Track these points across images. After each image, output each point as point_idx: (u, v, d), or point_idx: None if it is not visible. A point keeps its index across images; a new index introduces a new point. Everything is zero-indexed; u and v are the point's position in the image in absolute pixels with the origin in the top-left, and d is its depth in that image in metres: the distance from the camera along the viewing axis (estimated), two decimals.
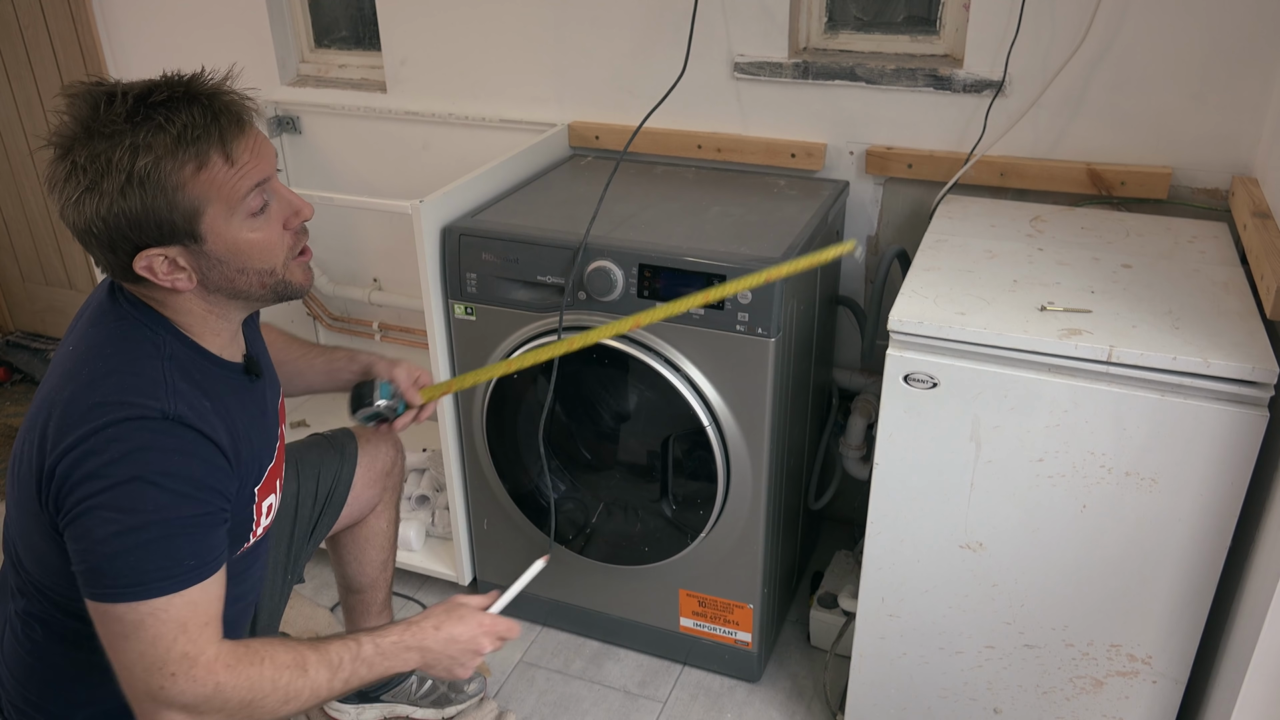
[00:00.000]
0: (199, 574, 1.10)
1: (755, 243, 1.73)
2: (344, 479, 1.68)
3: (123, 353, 1.13)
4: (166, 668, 1.07)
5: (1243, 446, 1.34)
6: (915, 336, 1.47)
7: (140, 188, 1.05)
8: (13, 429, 3.01)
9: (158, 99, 1.06)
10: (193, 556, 1.09)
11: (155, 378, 1.11)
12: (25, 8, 2.81)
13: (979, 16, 1.89)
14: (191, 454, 1.10)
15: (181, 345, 1.17)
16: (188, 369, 1.16)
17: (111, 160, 1.03)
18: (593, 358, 1.78)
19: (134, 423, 1.07)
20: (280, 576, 1.60)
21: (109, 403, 1.07)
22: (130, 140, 1.03)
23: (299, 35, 2.61)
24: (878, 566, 1.64)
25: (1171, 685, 1.53)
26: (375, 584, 1.83)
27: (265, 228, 1.16)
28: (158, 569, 1.06)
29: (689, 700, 1.99)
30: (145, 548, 1.06)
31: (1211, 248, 1.68)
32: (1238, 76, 1.76)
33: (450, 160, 2.45)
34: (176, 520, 1.07)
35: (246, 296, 1.19)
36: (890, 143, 2.05)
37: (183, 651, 1.08)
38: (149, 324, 1.16)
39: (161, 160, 1.04)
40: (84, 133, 1.04)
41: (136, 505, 1.05)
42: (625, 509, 1.93)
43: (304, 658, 1.17)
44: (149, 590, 1.06)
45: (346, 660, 1.20)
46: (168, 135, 1.05)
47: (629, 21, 2.15)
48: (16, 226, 3.22)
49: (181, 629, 1.08)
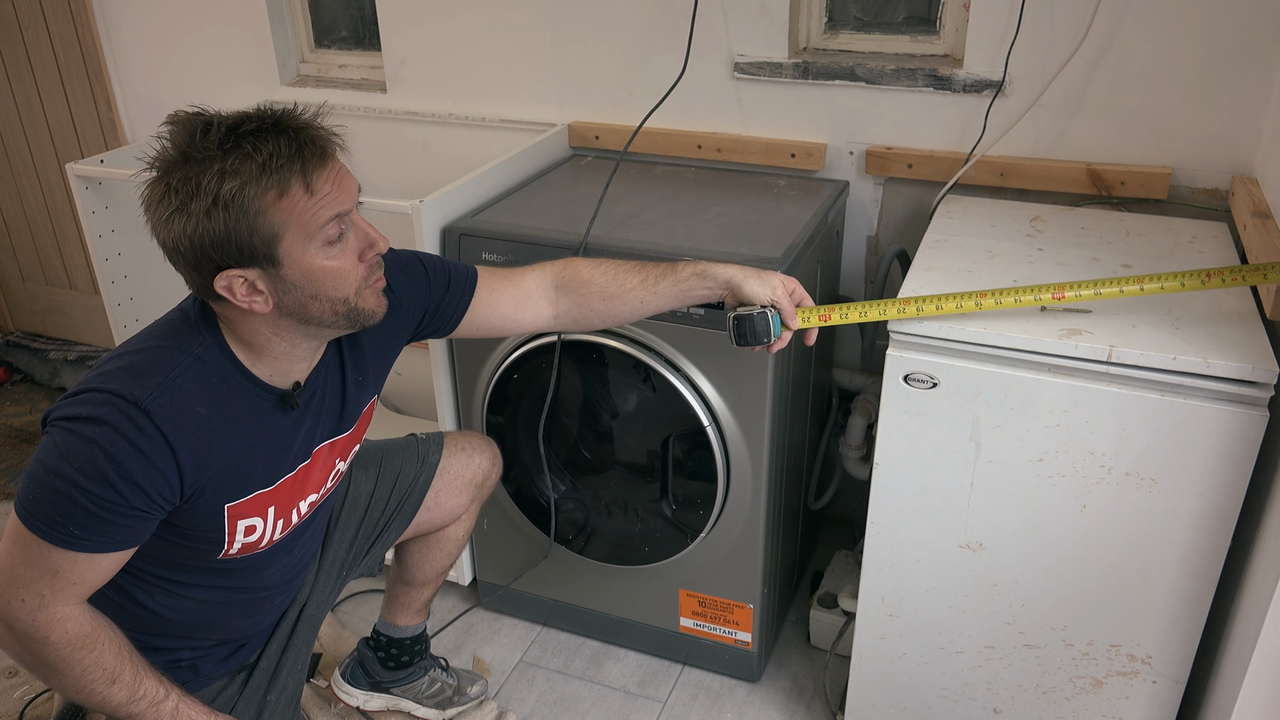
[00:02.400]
0: (78, 544, 1.14)
1: (755, 243, 1.73)
2: (419, 489, 1.66)
3: (158, 341, 1.20)
4: (20, 592, 1.15)
5: (1243, 446, 1.34)
6: (915, 336, 1.47)
7: (225, 210, 1.10)
8: (13, 429, 3.01)
9: (248, 129, 1.11)
10: (80, 528, 1.13)
11: (164, 369, 1.17)
12: (25, 8, 2.81)
13: (979, 16, 1.89)
14: (138, 448, 1.13)
15: (220, 355, 1.21)
16: (209, 376, 1.20)
17: (200, 184, 1.09)
18: (593, 357, 1.78)
19: (110, 396, 1.13)
20: (336, 571, 1.60)
21: (111, 374, 1.15)
22: (219, 166, 1.09)
23: (299, 35, 2.61)
24: (878, 566, 1.64)
25: (1171, 685, 1.53)
26: (429, 584, 1.81)
27: (340, 257, 1.19)
28: (46, 515, 1.13)
29: (689, 700, 1.99)
30: (50, 491, 1.12)
31: (1211, 248, 1.68)
32: (1237, 76, 1.76)
33: (450, 160, 2.45)
34: (84, 490, 1.11)
35: (319, 323, 1.22)
36: (890, 143, 2.05)
37: (40, 591, 1.15)
38: (204, 328, 1.21)
39: (246, 186, 1.09)
40: (180, 158, 1.11)
41: (66, 455, 1.11)
42: (625, 509, 1.93)
43: (120, 672, 1.23)
44: (34, 523, 1.13)
45: (148, 699, 1.25)
46: (254, 163, 1.09)
47: (629, 21, 2.15)
48: (16, 226, 3.22)
49: (53, 573, 1.15)
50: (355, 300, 1.22)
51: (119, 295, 2.30)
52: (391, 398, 2.86)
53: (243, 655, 1.44)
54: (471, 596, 2.27)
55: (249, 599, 1.40)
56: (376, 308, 1.26)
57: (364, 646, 1.88)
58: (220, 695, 1.43)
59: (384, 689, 1.88)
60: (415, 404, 2.83)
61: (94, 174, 2.16)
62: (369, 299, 1.25)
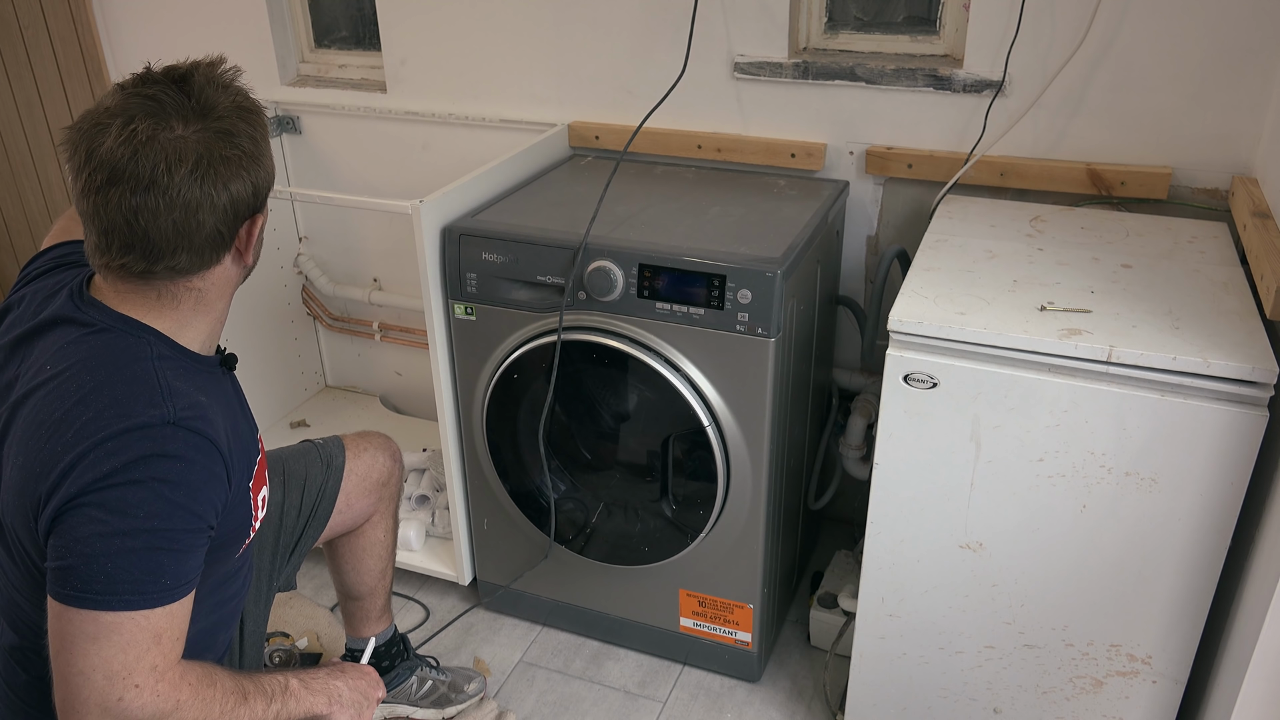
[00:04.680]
0: (172, 595, 1.06)
1: (755, 243, 1.73)
2: (329, 493, 1.65)
3: (108, 364, 1.09)
4: (133, 678, 1.03)
5: (1243, 446, 1.34)
6: (915, 336, 1.48)
7: (260, 163, 1.14)
8: None
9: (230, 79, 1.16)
10: (171, 576, 1.06)
11: (149, 383, 1.08)
12: (25, 8, 2.81)
13: (979, 16, 1.89)
14: (193, 461, 1.07)
15: (165, 346, 1.14)
16: (176, 367, 1.13)
17: (248, 134, 1.13)
18: (593, 357, 1.79)
19: (135, 433, 1.04)
20: (265, 585, 1.59)
21: (105, 416, 1.04)
22: (240, 121, 1.13)
23: (299, 35, 2.61)
24: (878, 566, 1.64)
25: (1171, 685, 1.53)
26: (374, 591, 1.81)
27: None
28: (132, 581, 1.03)
29: (689, 700, 1.99)
30: (128, 555, 1.02)
31: (1211, 248, 1.68)
32: (1237, 76, 1.76)
33: (450, 160, 2.45)
34: (165, 532, 1.04)
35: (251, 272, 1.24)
36: (890, 143, 2.05)
37: (152, 664, 1.05)
38: (127, 329, 1.12)
39: (266, 138, 1.17)
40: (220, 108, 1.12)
41: (128, 508, 1.02)
42: (625, 509, 1.93)
43: (244, 686, 1.18)
44: (120, 601, 1.03)
45: (277, 692, 1.23)
46: (263, 118, 1.18)
47: (629, 22, 2.15)
48: (16, 226, 3.22)
49: (156, 640, 1.05)
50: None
51: None
52: (392, 398, 2.86)
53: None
54: (471, 596, 2.28)
55: (233, 607, 1.38)
56: None
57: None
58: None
59: None
60: (415, 404, 2.83)
61: None
62: None
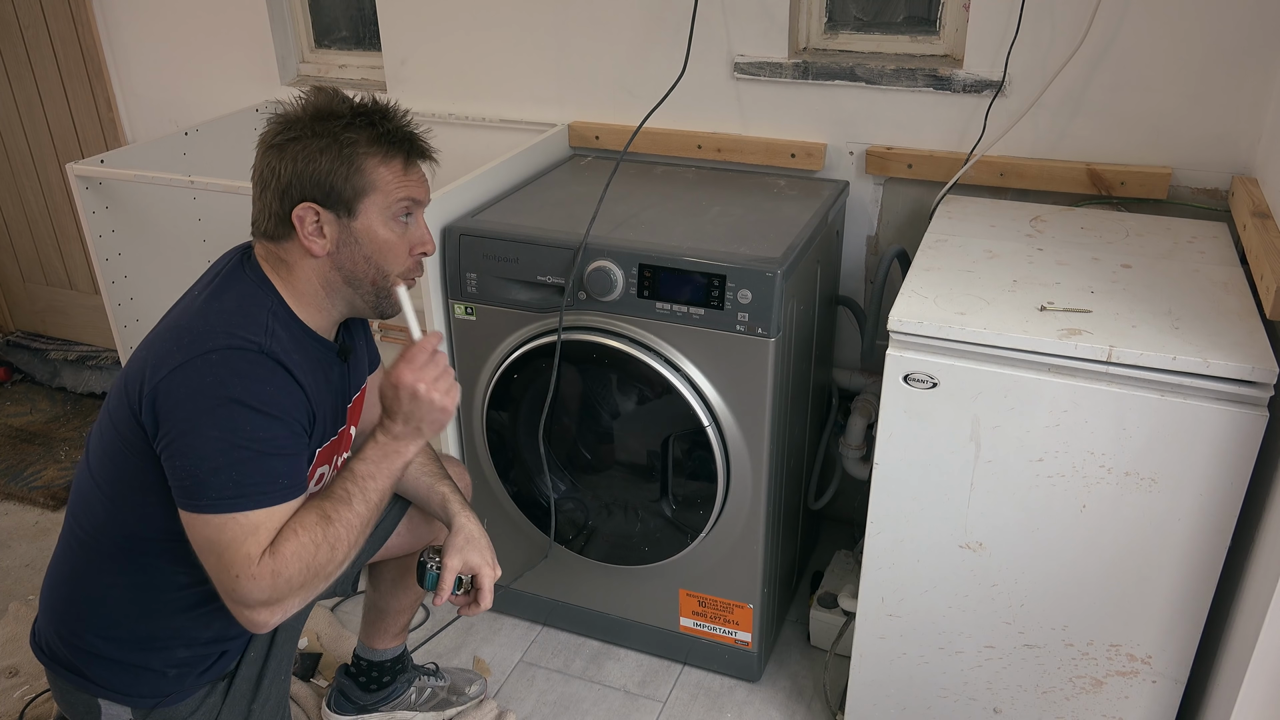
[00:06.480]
0: (291, 492, 1.23)
1: (755, 243, 1.73)
2: (391, 516, 1.67)
3: (238, 299, 1.29)
4: (233, 569, 1.19)
5: (1242, 446, 1.34)
6: (915, 336, 1.47)
7: (336, 153, 1.26)
8: (12, 429, 3.01)
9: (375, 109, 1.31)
10: (286, 475, 1.22)
11: (260, 321, 1.27)
12: (25, 8, 2.81)
13: (979, 16, 1.89)
14: (280, 386, 1.24)
15: (284, 310, 1.32)
16: (288, 327, 1.31)
17: (326, 128, 1.27)
18: (593, 357, 1.79)
19: (234, 351, 1.21)
20: None
21: (216, 331, 1.23)
22: (346, 122, 1.27)
23: (299, 35, 2.61)
24: (878, 566, 1.64)
25: (1171, 685, 1.53)
26: (404, 610, 1.83)
27: (401, 237, 1.33)
28: (255, 485, 1.19)
29: (689, 700, 1.99)
30: (243, 464, 1.19)
31: (1211, 248, 1.68)
32: (1237, 77, 1.76)
33: (450, 160, 2.43)
34: (270, 440, 1.21)
35: (357, 287, 1.33)
36: (890, 143, 2.05)
37: (247, 553, 1.19)
38: (263, 288, 1.32)
39: (359, 143, 1.27)
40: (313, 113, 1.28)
41: (237, 425, 1.19)
42: (625, 509, 1.93)
43: (320, 509, 1.26)
44: (247, 502, 1.19)
45: (353, 489, 1.28)
46: (373, 131, 1.28)
47: (629, 22, 2.15)
48: (17, 226, 3.22)
49: (253, 531, 1.19)
50: (391, 284, 1.34)
51: (119, 295, 2.30)
52: None
53: (222, 664, 1.44)
54: None
55: None
56: (393, 307, 1.37)
57: (342, 675, 1.89)
58: (202, 705, 1.42)
59: (372, 709, 1.88)
60: None
61: (94, 174, 2.16)
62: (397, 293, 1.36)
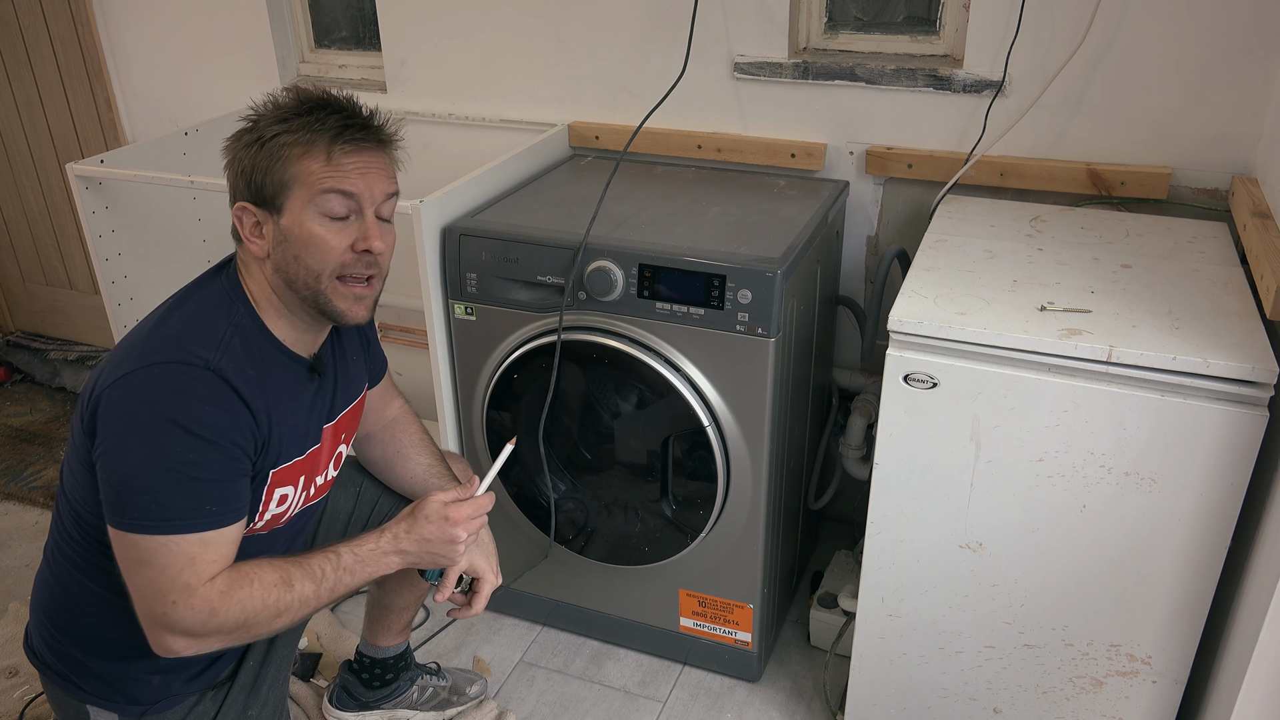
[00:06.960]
0: (220, 520, 1.20)
1: (755, 243, 1.73)
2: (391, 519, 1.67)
3: (199, 308, 1.28)
4: (169, 595, 1.18)
5: (1242, 446, 1.34)
6: (915, 336, 1.47)
7: (259, 149, 1.24)
8: (13, 429, 3.01)
9: (323, 101, 1.27)
10: (214, 502, 1.20)
11: (216, 334, 1.24)
12: (25, 8, 2.81)
13: (979, 16, 1.89)
14: (222, 406, 1.20)
15: (251, 321, 1.29)
16: (249, 340, 1.28)
17: (259, 125, 1.26)
18: (593, 357, 1.79)
19: (178, 367, 1.19)
20: None
21: (166, 344, 1.21)
22: (282, 117, 1.25)
23: (299, 35, 2.61)
24: (878, 566, 1.64)
25: (1171, 685, 1.53)
26: (407, 608, 1.83)
27: (333, 233, 1.26)
28: (178, 509, 1.17)
29: (689, 700, 1.99)
30: (169, 488, 1.17)
31: (1211, 248, 1.68)
32: (1237, 76, 1.76)
33: (450, 160, 2.45)
34: (199, 465, 1.18)
35: (298, 291, 1.28)
36: (890, 143, 2.05)
37: (185, 582, 1.18)
38: (232, 294, 1.30)
39: (281, 135, 1.23)
40: (268, 110, 1.27)
41: (166, 446, 1.16)
42: (625, 509, 1.93)
43: (289, 574, 1.26)
44: (170, 526, 1.17)
45: (329, 571, 1.28)
46: (301, 121, 1.24)
47: (629, 22, 2.15)
48: (16, 226, 3.22)
49: (189, 562, 1.18)
50: (326, 284, 1.28)
51: (119, 295, 2.30)
52: None
53: (214, 672, 1.43)
54: None
55: None
56: (345, 308, 1.31)
57: (345, 671, 1.89)
58: (193, 712, 1.41)
59: (373, 707, 1.88)
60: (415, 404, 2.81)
61: (94, 174, 2.16)
62: (338, 294, 1.29)
